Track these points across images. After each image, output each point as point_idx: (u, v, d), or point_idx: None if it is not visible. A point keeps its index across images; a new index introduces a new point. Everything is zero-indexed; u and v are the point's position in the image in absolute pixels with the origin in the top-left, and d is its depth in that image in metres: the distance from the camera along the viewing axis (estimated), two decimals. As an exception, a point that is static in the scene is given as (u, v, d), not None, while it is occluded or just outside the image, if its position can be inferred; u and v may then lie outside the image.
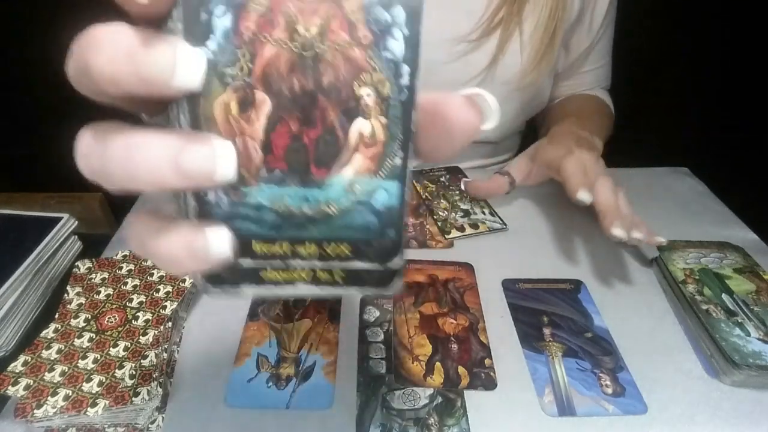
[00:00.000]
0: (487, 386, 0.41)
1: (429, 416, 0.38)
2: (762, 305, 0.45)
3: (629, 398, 0.40)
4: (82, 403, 0.35)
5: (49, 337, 0.41)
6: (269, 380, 0.40)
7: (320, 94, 0.15)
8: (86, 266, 0.48)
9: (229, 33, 0.14)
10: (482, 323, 0.46)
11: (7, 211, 0.53)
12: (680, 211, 0.62)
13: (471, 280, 0.51)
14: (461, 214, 0.60)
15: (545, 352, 0.44)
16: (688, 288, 0.47)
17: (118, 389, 0.36)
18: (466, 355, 0.43)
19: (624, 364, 0.42)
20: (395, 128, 0.16)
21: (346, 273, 0.18)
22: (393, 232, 0.17)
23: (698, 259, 0.50)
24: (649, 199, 0.64)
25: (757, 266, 0.49)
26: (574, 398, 0.40)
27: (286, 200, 0.16)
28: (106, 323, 0.42)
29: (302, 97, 0.15)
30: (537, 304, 0.48)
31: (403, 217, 0.17)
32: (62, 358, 0.39)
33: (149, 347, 0.40)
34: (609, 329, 0.46)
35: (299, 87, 0.15)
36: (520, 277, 0.51)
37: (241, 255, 0.17)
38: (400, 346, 0.44)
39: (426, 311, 0.47)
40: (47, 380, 0.37)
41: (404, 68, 0.15)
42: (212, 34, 0.14)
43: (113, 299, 0.44)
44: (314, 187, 0.16)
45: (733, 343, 0.41)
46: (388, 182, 0.17)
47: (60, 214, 0.52)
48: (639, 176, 0.69)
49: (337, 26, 0.15)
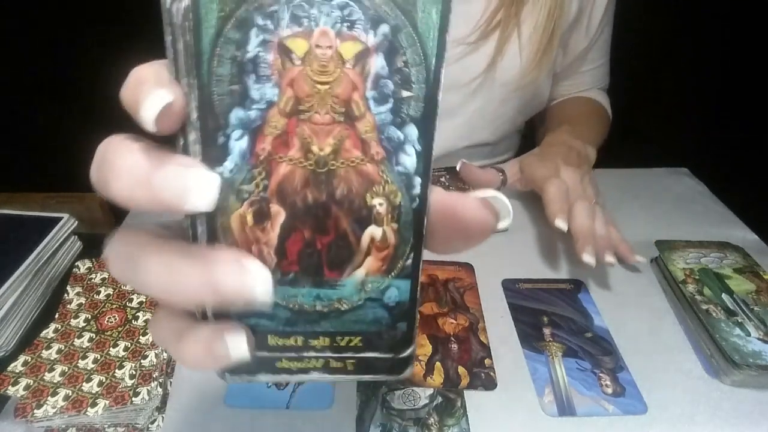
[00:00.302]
0: (487, 386, 0.41)
1: (429, 416, 0.38)
2: (762, 305, 0.45)
3: (629, 398, 0.40)
4: (82, 403, 0.35)
5: (49, 337, 0.41)
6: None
7: (333, 205, 0.16)
8: (86, 266, 0.48)
9: (245, 154, 0.15)
10: (482, 323, 0.46)
11: (7, 211, 0.53)
12: (680, 211, 0.62)
13: (471, 280, 0.51)
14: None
15: (545, 352, 0.44)
16: (688, 288, 0.47)
17: (118, 389, 0.36)
18: (466, 355, 0.43)
19: (624, 364, 0.42)
20: (407, 233, 0.17)
21: (358, 362, 0.18)
22: (404, 325, 0.18)
23: (698, 259, 0.50)
24: (649, 199, 0.64)
25: (757, 266, 0.49)
26: (574, 398, 0.40)
27: (299, 299, 0.17)
28: (106, 323, 0.42)
29: (316, 208, 0.16)
30: (537, 304, 0.48)
31: (414, 311, 0.18)
32: (62, 358, 0.39)
33: (149, 347, 0.40)
34: (609, 329, 0.46)
35: (313, 199, 0.16)
36: (520, 277, 0.51)
37: (257, 348, 0.17)
38: (400, 346, 0.44)
39: (426, 311, 0.47)
40: (47, 380, 0.37)
41: (416, 180, 0.16)
42: (229, 155, 0.15)
43: (113, 299, 0.44)
44: (327, 287, 0.17)
45: (733, 343, 0.41)
46: (399, 281, 0.17)
47: (60, 214, 0.52)
48: (639, 176, 0.69)
49: (351, 145, 0.15)
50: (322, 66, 0.15)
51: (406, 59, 0.15)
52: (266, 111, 0.15)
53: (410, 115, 0.15)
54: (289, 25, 0.14)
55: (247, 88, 0.14)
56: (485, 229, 0.17)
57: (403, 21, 0.14)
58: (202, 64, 0.14)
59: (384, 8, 0.14)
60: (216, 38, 0.14)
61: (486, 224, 0.17)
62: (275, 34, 0.14)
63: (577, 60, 0.69)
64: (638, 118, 1.06)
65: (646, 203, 0.63)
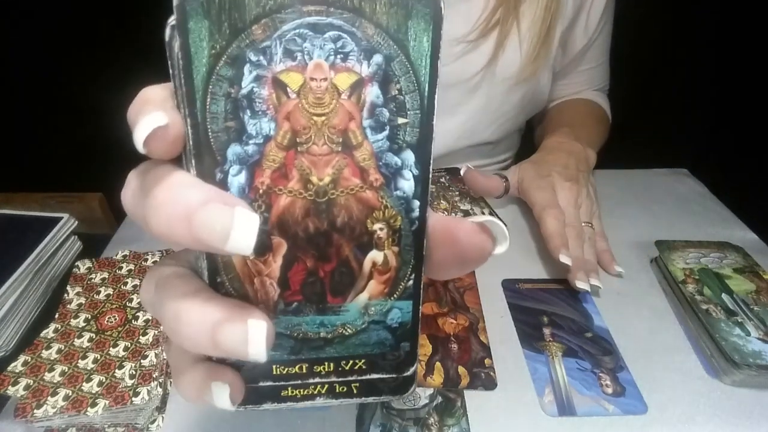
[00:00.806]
0: (487, 386, 0.41)
1: (429, 416, 0.38)
2: (762, 305, 0.45)
3: (629, 398, 0.40)
4: (82, 403, 0.35)
5: (49, 337, 0.40)
6: (269, 380, 0.40)
7: (334, 233, 0.16)
8: (86, 266, 0.48)
9: (244, 188, 0.15)
10: (482, 323, 0.46)
11: (7, 211, 0.53)
12: (680, 211, 0.62)
13: (471, 280, 0.51)
14: (461, 214, 0.60)
15: (545, 352, 0.44)
16: (688, 288, 0.47)
17: (118, 389, 0.36)
18: (466, 355, 0.43)
19: (624, 364, 0.42)
20: (407, 255, 0.17)
21: (363, 384, 0.18)
22: (407, 345, 0.18)
23: (698, 259, 0.50)
24: (649, 200, 0.64)
25: (757, 266, 0.49)
26: (574, 398, 0.40)
27: (303, 327, 0.17)
28: (106, 323, 0.42)
29: (317, 237, 0.16)
30: (537, 304, 0.48)
31: (416, 331, 0.18)
32: (62, 358, 0.39)
33: (149, 347, 0.40)
34: (609, 329, 0.46)
35: (314, 229, 0.16)
36: (520, 277, 0.51)
37: (261, 379, 0.17)
38: (400, 346, 0.43)
39: (426, 311, 0.47)
40: (47, 380, 0.37)
41: (415, 203, 0.16)
42: (228, 191, 0.15)
43: (113, 299, 0.44)
44: (330, 314, 0.17)
45: (733, 343, 0.41)
46: (402, 302, 0.17)
47: (60, 214, 0.52)
48: (639, 177, 0.69)
49: (349, 173, 0.15)
50: (317, 98, 0.15)
51: (400, 87, 0.15)
52: (263, 145, 0.15)
53: (406, 141, 0.16)
54: (283, 59, 0.14)
55: (243, 124, 0.14)
56: (482, 254, 0.18)
57: (395, 50, 0.15)
58: (196, 101, 0.14)
59: (376, 38, 0.14)
60: (208, 76, 0.14)
61: (483, 249, 0.17)
62: (269, 70, 0.14)
63: (576, 59, 0.69)
64: (638, 118, 1.06)
65: (646, 203, 0.63)
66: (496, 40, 0.59)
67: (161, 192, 0.14)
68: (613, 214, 0.58)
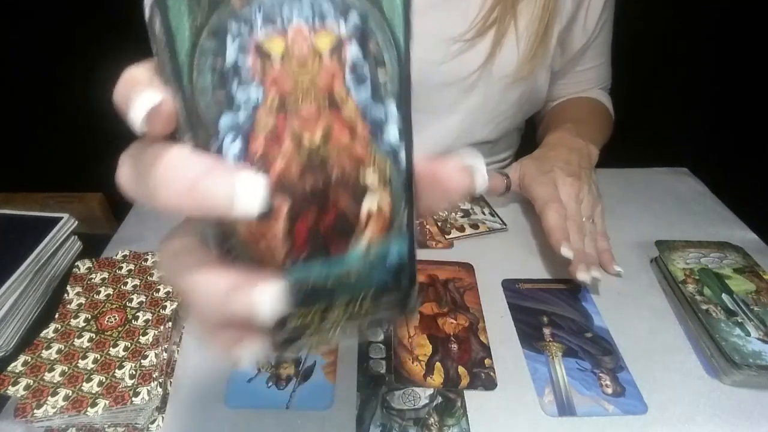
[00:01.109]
0: (487, 386, 0.41)
1: (429, 416, 0.38)
2: (762, 305, 0.45)
3: (629, 398, 0.40)
4: (82, 403, 0.35)
5: (49, 337, 0.40)
6: (269, 380, 0.40)
7: (331, 187, 0.17)
8: (86, 266, 0.48)
9: (240, 156, 0.15)
10: (482, 323, 0.46)
11: (7, 211, 0.53)
12: (680, 211, 0.62)
13: (471, 280, 0.51)
14: (461, 214, 0.60)
15: (545, 352, 0.44)
16: (688, 288, 0.47)
17: (118, 389, 0.36)
18: (466, 355, 0.43)
19: (624, 364, 0.42)
20: (399, 199, 0.18)
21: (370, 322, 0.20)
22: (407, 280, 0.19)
23: (698, 259, 0.50)
24: (649, 199, 0.64)
25: (757, 266, 0.49)
26: (574, 398, 0.40)
27: (312, 279, 0.18)
28: (106, 323, 0.42)
29: (314, 194, 0.16)
30: (537, 304, 0.48)
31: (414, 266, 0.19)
32: (62, 358, 0.39)
33: (149, 347, 0.40)
34: (609, 329, 0.46)
35: (311, 185, 0.16)
36: (520, 277, 0.51)
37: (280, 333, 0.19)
38: (400, 346, 0.44)
39: (426, 311, 0.47)
40: (47, 380, 0.37)
41: (401, 149, 0.17)
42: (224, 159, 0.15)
43: (113, 299, 0.44)
44: (335, 263, 0.18)
45: (733, 343, 0.41)
46: (398, 242, 0.19)
47: (60, 214, 0.52)
48: (639, 176, 0.69)
49: (339, 129, 0.16)
50: (300, 61, 0.15)
51: (378, 42, 0.16)
52: (254, 112, 0.15)
53: (388, 93, 0.16)
54: (263, 26, 0.14)
55: (231, 94, 0.15)
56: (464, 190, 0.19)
57: (369, 7, 0.15)
58: (183, 77, 0.14)
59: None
60: (192, 50, 0.14)
61: (465, 186, 0.19)
62: (251, 38, 0.14)
63: (575, 58, 0.69)
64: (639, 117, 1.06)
65: (646, 202, 0.63)
66: (493, 38, 0.59)
67: (163, 167, 0.14)
68: (613, 213, 0.58)
